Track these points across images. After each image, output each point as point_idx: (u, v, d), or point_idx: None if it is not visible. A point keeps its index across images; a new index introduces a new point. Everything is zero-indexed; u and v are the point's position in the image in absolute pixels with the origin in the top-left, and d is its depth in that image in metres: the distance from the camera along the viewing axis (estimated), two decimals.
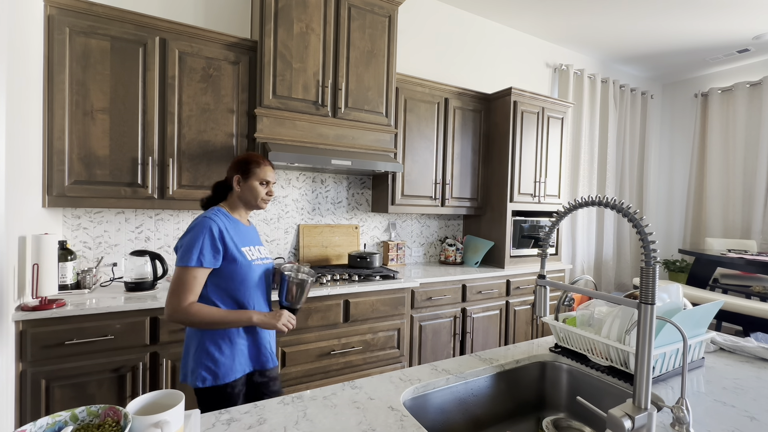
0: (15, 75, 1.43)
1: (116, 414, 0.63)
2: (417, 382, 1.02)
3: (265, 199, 1.34)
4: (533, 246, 3.07)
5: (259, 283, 1.30)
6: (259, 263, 1.30)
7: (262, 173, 1.32)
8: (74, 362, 1.57)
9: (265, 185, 1.34)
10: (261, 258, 1.32)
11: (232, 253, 1.21)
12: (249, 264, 1.24)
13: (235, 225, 1.28)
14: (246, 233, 1.32)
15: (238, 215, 1.34)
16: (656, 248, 0.68)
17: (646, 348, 0.69)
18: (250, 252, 1.27)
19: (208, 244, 1.16)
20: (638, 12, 3.21)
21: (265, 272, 1.33)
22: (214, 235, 1.18)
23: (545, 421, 1.04)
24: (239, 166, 1.32)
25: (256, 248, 1.32)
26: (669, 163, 4.91)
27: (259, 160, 1.33)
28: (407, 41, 3.00)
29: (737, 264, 3.36)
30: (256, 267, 1.27)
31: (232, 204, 1.34)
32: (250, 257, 1.26)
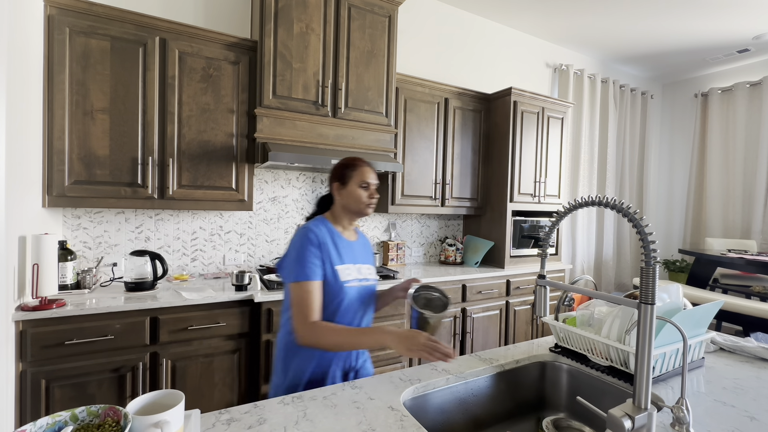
0: (15, 75, 1.43)
1: (116, 414, 0.63)
2: (417, 382, 1.02)
3: (368, 203, 1.21)
4: (533, 246, 3.07)
5: (352, 308, 1.16)
6: (355, 285, 1.16)
7: (360, 175, 1.20)
8: (74, 362, 1.57)
9: (366, 188, 1.21)
10: (360, 279, 1.18)
11: (326, 270, 1.11)
12: (340, 286, 1.12)
13: (336, 238, 1.18)
14: (348, 248, 1.20)
15: (342, 227, 1.23)
16: (656, 248, 0.68)
17: (646, 348, 0.69)
18: (345, 271, 1.15)
19: (312, 256, 1.09)
20: (638, 12, 3.21)
21: (362, 296, 1.19)
22: (315, 246, 1.10)
23: (545, 421, 1.04)
24: (335, 172, 1.23)
25: (357, 267, 1.19)
26: (669, 163, 4.91)
27: (355, 162, 1.22)
28: (407, 41, 3.00)
29: (737, 264, 3.36)
30: (348, 290, 1.14)
31: (335, 214, 1.24)
32: (343, 277, 1.13)
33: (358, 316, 1.19)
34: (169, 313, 1.74)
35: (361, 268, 1.21)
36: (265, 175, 2.51)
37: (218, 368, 1.84)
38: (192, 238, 2.32)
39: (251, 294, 1.88)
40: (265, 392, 1.90)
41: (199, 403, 1.79)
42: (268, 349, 1.90)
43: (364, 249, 1.29)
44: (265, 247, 2.53)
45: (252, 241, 2.49)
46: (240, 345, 1.89)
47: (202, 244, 2.34)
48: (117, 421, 0.62)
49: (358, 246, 1.26)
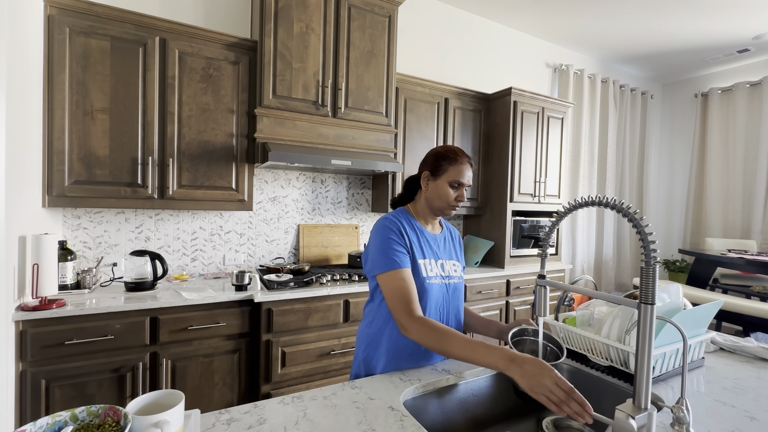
0: (15, 75, 1.43)
1: (116, 414, 0.63)
2: (417, 382, 1.02)
3: (453, 205, 1.11)
4: (533, 246, 3.07)
5: (435, 307, 1.08)
6: (437, 282, 1.08)
7: (455, 172, 1.08)
8: (74, 362, 1.57)
9: (457, 188, 1.10)
10: (444, 276, 1.11)
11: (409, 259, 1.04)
12: (421, 282, 1.05)
13: (417, 232, 1.10)
14: (431, 243, 1.12)
15: (424, 220, 1.15)
16: (656, 248, 0.67)
17: (646, 348, 0.69)
18: (427, 266, 1.07)
19: (396, 244, 1.02)
20: (638, 12, 3.21)
21: (446, 295, 1.11)
22: (396, 234, 1.04)
23: (545, 421, 1.04)
24: (430, 160, 1.12)
25: (439, 263, 1.11)
26: (669, 163, 4.91)
27: (456, 156, 1.09)
28: (407, 41, 3.00)
29: (737, 264, 3.36)
30: (430, 286, 1.06)
31: (418, 206, 1.15)
32: (425, 272, 1.06)
33: (443, 316, 1.12)
34: (169, 313, 1.74)
35: (445, 265, 1.13)
36: (265, 175, 2.51)
37: (218, 368, 1.84)
38: (192, 238, 2.32)
39: (251, 294, 1.88)
40: (265, 392, 1.90)
41: (199, 403, 1.79)
42: (268, 349, 1.90)
43: (450, 243, 1.19)
44: (265, 247, 2.53)
45: (252, 241, 2.49)
46: (240, 345, 1.89)
47: (202, 244, 2.34)
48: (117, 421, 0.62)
49: (443, 240, 1.17)
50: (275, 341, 1.91)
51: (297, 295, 1.95)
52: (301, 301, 1.97)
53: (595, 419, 0.73)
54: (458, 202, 1.11)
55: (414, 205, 1.16)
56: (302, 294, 1.96)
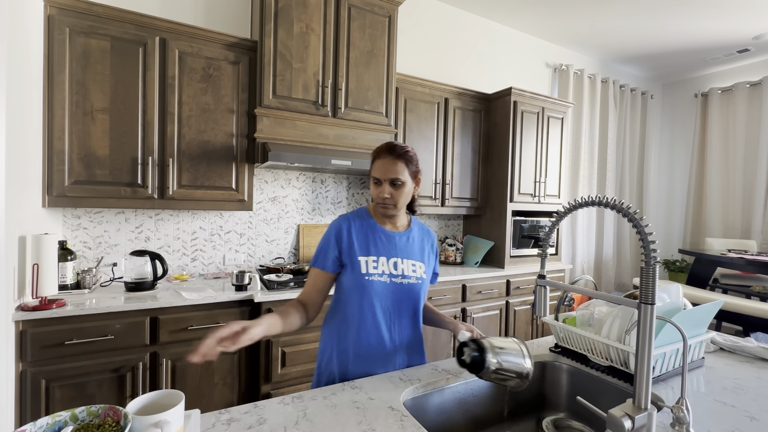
0: (15, 75, 1.43)
1: (116, 414, 0.63)
2: (417, 382, 1.02)
3: (379, 203, 1.09)
4: (533, 246, 3.07)
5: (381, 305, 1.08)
6: (382, 279, 1.07)
7: (374, 169, 1.08)
8: (74, 362, 1.57)
9: (378, 184, 1.07)
10: (395, 275, 1.09)
11: (345, 259, 1.08)
12: (359, 277, 1.05)
13: (369, 230, 1.11)
14: (385, 240, 1.11)
15: (381, 218, 1.14)
16: (656, 248, 0.67)
17: (646, 348, 0.69)
18: (370, 263, 1.06)
19: (324, 246, 1.09)
20: (638, 12, 3.21)
21: (397, 294, 1.09)
22: (331, 236, 1.09)
23: (545, 421, 1.04)
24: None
25: (392, 261, 1.09)
26: (669, 163, 4.91)
27: (379, 152, 1.08)
28: (407, 41, 3.00)
29: (737, 264, 3.36)
30: (369, 283, 1.05)
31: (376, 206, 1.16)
32: (365, 269, 1.06)
33: (392, 316, 1.10)
34: (169, 313, 1.74)
35: (400, 263, 1.10)
36: (265, 175, 2.51)
37: (218, 368, 1.84)
38: (192, 238, 2.32)
39: (251, 294, 1.88)
40: (265, 392, 1.90)
41: (199, 403, 1.79)
42: (268, 349, 1.90)
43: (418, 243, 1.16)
44: (265, 247, 2.53)
45: (252, 241, 2.49)
46: None
47: (202, 244, 2.34)
48: (117, 421, 0.62)
49: (406, 239, 1.14)
50: (275, 341, 1.91)
51: (297, 295, 1.94)
52: None
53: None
54: (381, 199, 1.07)
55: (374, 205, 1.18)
56: None
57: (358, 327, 1.08)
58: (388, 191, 1.06)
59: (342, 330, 1.11)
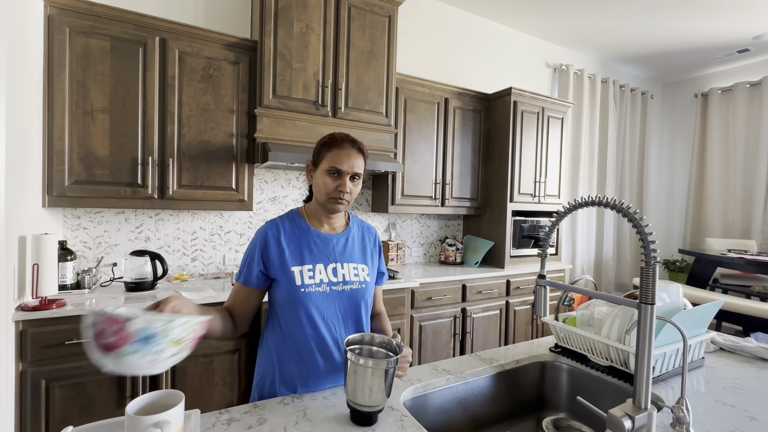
0: (15, 75, 1.43)
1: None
2: (417, 382, 1.02)
3: (334, 197, 0.97)
4: (533, 246, 3.07)
5: (325, 316, 0.98)
6: (321, 289, 0.97)
7: (332, 158, 0.96)
8: (74, 362, 1.57)
9: (336, 176, 0.96)
10: (335, 282, 0.99)
11: (275, 273, 0.97)
12: (294, 289, 0.95)
13: (302, 234, 1.01)
14: (321, 245, 1.01)
15: (317, 220, 1.04)
16: (656, 248, 0.67)
17: (646, 348, 0.69)
18: (306, 273, 0.97)
19: (248, 260, 0.99)
20: (638, 12, 3.21)
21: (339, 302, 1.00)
22: (255, 251, 0.98)
23: (545, 421, 1.04)
24: (314, 150, 1.01)
25: (330, 267, 1.00)
26: (669, 163, 4.91)
27: (334, 141, 0.98)
28: (407, 41, 3.00)
29: (737, 264, 3.36)
30: (306, 295, 0.96)
31: (311, 204, 1.06)
32: (299, 280, 0.96)
33: (335, 327, 1.00)
34: None
35: (340, 269, 1.01)
36: (265, 175, 2.51)
37: (218, 368, 1.84)
38: (192, 238, 2.32)
39: None
40: None
41: (199, 403, 1.79)
42: None
43: (358, 244, 1.07)
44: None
45: None
46: (240, 345, 1.89)
47: (202, 244, 2.34)
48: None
49: (344, 241, 1.05)
50: None
51: None
52: None
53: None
54: (339, 192, 0.96)
55: (308, 206, 1.07)
56: None
57: (300, 346, 0.97)
58: (348, 186, 0.97)
59: (282, 350, 0.99)
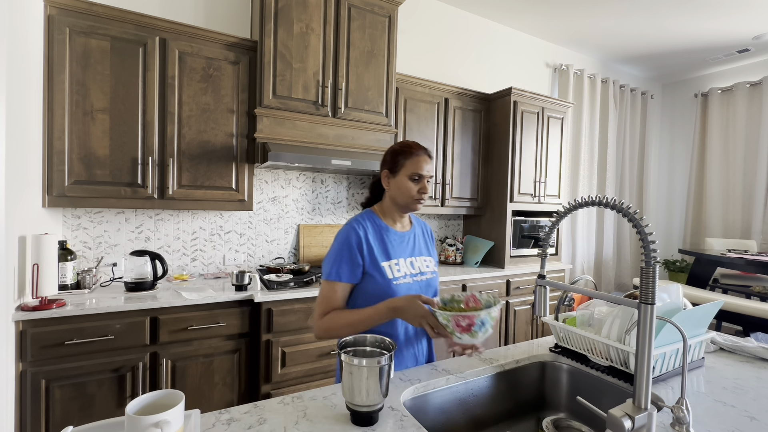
0: (15, 75, 1.43)
1: (476, 301, 0.98)
2: (417, 382, 1.02)
3: (417, 199, 1.10)
4: (533, 246, 3.07)
5: None
6: (407, 281, 1.09)
7: (413, 165, 1.08)
8: (74, 362, 1.57)
9: (418, 180, 1.09)
10: (414, 274, 1.12)
11: (368, 268, 1.06)
12: (387, 283, 1.06)
13: (383, 233, 1.12)
14: (398, 241, 1.13)
15: (391, 220, 1.16)
16: (656, 248, 0.67)
17: (646, 348, 0.69)
18: (393, 267, 1.09)
19: (347, 257, 1.05)
20: (638, 12, 3.21)
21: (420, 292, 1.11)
22: (353, 246, 1.06)
23: (545, 421, 1.04)
24: (388, 158, 1.12)
25: (409, 261, 1.13)
26: (669, 163, 4.91)
27: (410, 149, 1.10)
28: (407, 41, 3.00)
29: (737, 264, 3.36)
30: (397, 287, 1.07)
31: (384, 207, 1.16)
32: (390, 274, 1.07)
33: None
34: (169, 313, 1.74)
35: (415, 262, 1.14)
36: (265, 175, 2.51)
37: (218, 368, 1.84)
38: (192, 238, 2.32)
39: (251, 294, 1.88)
40: (265, 392, 1.90)
41: (199, 403, 1.79)
42: (268, 349, 1.90)
43: (422, 239, 1.21)
44: (265, 247, 2.53)
45: (252, 241, 2.49)
46: (240, 345, 1.89)
47: (202, 244, 2.34)
48: (476, 307, 0.97)
49: (413, 237, 1.18)
50: (275, 341, 1.91)
51: (297, 295, 1.95)
52: (301, 301, 1.97)
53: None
54: (422, 194, 1.10)
55: (380, 205, 1.17)
56: (302, 294, 1.96)
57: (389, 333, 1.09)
58: (427, 187, 1.11)
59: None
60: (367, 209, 1.18)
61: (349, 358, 0.78)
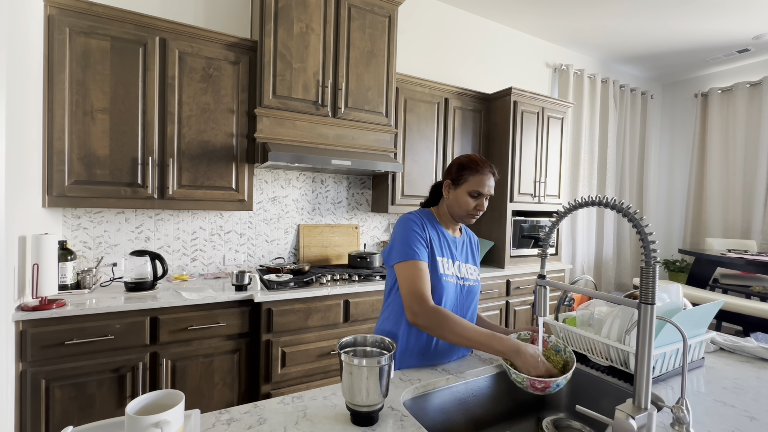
0: (15, 75, 1.43)
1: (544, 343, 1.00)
2: (417, 382, 1.02)
3: (472, 214, 1.14)
4: (533, 246, 3.07)
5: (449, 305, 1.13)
6: (453, 281, 1.14)
7: (476, 183, 1.11)
8: (74, 362, 1.57)
9: (476, 197, 1.13)
10: (460, 277, 1.16)
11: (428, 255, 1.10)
12: (439, 278, 1.10)
13: (438, 232, 1.16)
14: (450, 244, 1.17)
15: (445, 224, 1.20)
16: (656, 248, 0.67)
17: (646, 348, 0.69)
18: (445, 264, 1.13)
19: (417, 237, 1.08)
20: (638, 12, 3.21)
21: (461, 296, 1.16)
22: (419, 229, 1.10)
23: (545, 421, 1.04)
24: (453, 170, 1.15)
25: (456, 264, 1.17)
26: (669, 163, 4.91)
27: (477, 166, 1.12)
28: (407, 41, 3.00)
29: (737, 264, 3.36)
30: (447, 284, 1.11)
31: (440, 212, 1.21)
32: (442, 269, 1.11)
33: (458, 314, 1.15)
34: (169, 313, 1.74)
35: (462, 267, 1.18)
36: (265, 175, 2.51)
37: (218, 368, 1.84)
38: (192, 238, 2.32)
39: (251, 294, 1.88)
40: (265, 392, 1.90)
41: (199, 403, 1.79)
42: (268, 349, 1.90)
43: (468, 248, 1.25)
44: (265, 247, 2.53)
45: (252, 241, 2.49)
46: (240, 345, 1.89)
47: (202, 244, 2.34)
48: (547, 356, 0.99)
49: (462, 244, 1.22)
50: (275, 341, 1.91)
51: (297, 295, 1.95)
52: (301, 301, 1.97)
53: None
54: (477, 211, 1.13)
55: (437, 210, 1.21)
56: (302, 294, 1.96)
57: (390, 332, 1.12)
58: (484, 205, 1.15)
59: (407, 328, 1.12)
60: (424, 209, 1.21)
61: (349, 358, 0.78)
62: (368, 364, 0.77)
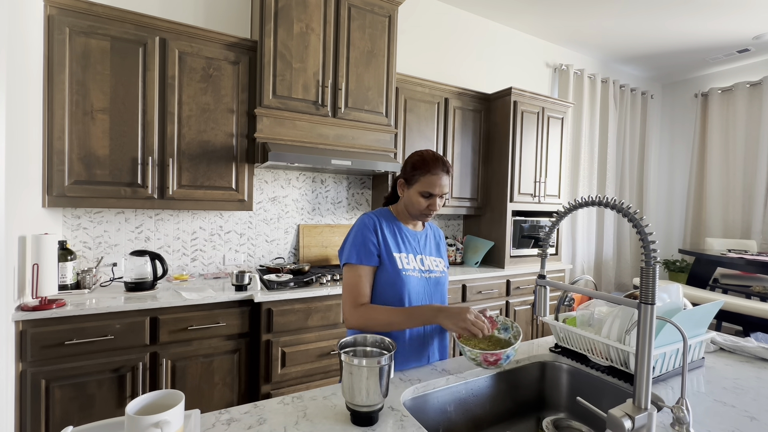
0: (15, 75, 1.43)
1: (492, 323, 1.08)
2: (417, 382, 1.02)
3: (425, 214, 1.14)
4: (533, 246, 3.07)
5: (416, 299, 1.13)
6: (416, 275, 1.13)
7: (426, 184, 1.10)
8: (74, 362, 1.57)
9: (428, 198, 1.12)
10: (424, 270, 1.16)
11: (382, 254, 1.11)
12: (398, 273, 1.10)
13: (395, 229, 1.16)
14: (411, 239, 1.18)
15: (404, 220, 1.20)
16: (656, 248, 0.67)
17: (646, 348, 0.69)
18: (404, 259, 1.12)
19: (363, 240, 1.09)
20: (639, 12, 3.21)
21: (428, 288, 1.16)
22: (369, 230, 1.10)
23: (545, 421, 1.04)
24: (407, 168, 1.15)
25: (419, 258, 1.17)
26: (669, 163, 4.91)
27: (428, 167, 1.11)
28: (407, 41, 3.00)
29: (737, 264, 3.35)
30: (407, 278, 1.11)
31: (398, 208, 1.21)
32: (401, 264, 1.11)
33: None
34: (169, 313, 1.74)
35: (425, 260, 1.18)
36: (265, 175, 2.51)
37: (218, 368, 1.84)
38: (192, 238, 2.32)
39: (251, 294, 1.88)
40: (265, 392, 1.90)
41: (199, 403, 1.79)
42: (268, 349, 1.90)
43: (432, 241, 1.25)
44: (265, 247, 2.53)
45: (252, 241, 2.49)
46: (240, 345, 1.89)
47: (202, 244, 2.34)
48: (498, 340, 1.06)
49: (425, 238, 1.23)
50: (275, 341, 1.91)
51: (297, 295, 1.95)
52: (301, 301, 1.97)
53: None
54: (430, 210, 1.13)
55: (396, 207, 1.22)
56: (302, 294, 1.96)
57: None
58: (438, 204, 1.13)
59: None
60: (383, 207, 1.23)
61: (349, 358, 0.78)
62: (368, 364, 0.77)
